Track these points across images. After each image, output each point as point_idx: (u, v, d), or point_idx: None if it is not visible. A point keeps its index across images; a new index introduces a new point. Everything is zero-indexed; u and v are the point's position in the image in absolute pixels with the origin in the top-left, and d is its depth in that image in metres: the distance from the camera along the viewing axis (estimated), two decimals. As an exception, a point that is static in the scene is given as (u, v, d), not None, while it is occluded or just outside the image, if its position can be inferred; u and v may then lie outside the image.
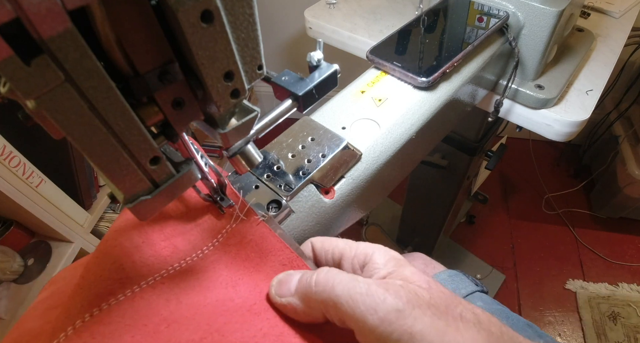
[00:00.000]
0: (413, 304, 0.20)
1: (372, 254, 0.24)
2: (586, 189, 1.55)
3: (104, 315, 0.20)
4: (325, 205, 0.32)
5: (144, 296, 0.21)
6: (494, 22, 0.47)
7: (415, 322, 0.19)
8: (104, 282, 0.21)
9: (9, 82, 0.13)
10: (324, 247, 0.26)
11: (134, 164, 0.18)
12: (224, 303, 0.23)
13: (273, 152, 0.33)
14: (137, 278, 0.22)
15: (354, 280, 0.21)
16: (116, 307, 0.20)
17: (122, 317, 0.20)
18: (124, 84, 0.16)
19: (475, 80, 0.46)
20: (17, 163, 0.72)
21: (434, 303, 0.21)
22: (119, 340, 0.19)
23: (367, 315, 0.19)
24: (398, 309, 0.19)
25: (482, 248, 1.41)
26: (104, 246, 0.23)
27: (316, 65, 0.26)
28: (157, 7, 0.15)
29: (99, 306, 0.20)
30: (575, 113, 0.53)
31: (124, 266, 0.22)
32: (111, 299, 0.21)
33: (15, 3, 0.11)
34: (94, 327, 0.19)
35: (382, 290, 0.20)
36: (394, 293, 0.20)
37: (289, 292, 0.23)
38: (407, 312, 0.19)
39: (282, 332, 0.22)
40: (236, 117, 0.21)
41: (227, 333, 0.21)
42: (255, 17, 0.18)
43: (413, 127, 0.38)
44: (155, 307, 0.21)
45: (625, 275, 1.32)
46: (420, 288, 0.21)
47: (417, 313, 0.20)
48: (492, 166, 0.81)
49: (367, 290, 0.20)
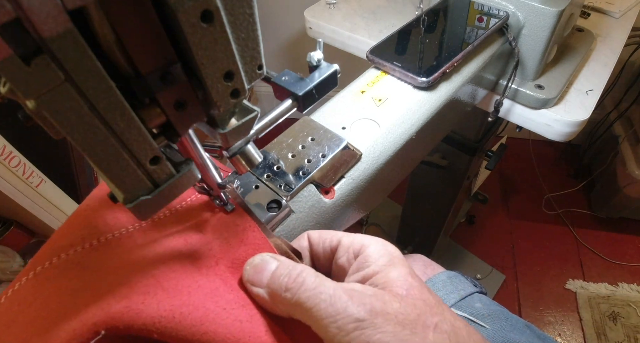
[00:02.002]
0: (376, 313, 0.20)
1: (368, 246, 0.24)
2: (586, 189, 1.54)
3: (61, 262, 0.22)
4: (325, 205, 0.32)
5: (99, 248, 0.23)
6: (494, 22, 0.47)
7: (375, 331, 0.19)
8: (67, 236, 0.23)
9: (9, 82, 0.13)
10: (322, 236, 0.26)
11: (134, 164, 0.18)
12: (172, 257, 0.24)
13: (273, 152, 0.33)
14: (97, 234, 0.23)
15: (321, 286, 0.21)
16: (73, 256, 0.22)
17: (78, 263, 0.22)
18: (126, 85, 0.16)
19: (475, 80, 0.46)
20: (17, 163, 0.72)
21: (403, 311, 0.20)
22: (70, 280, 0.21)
23: (327, 324, 0.20)
24: (358, 318, 0.19)
25: (482, 248, 1.40)
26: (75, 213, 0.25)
27: (316, 65, 0.26)
28: (157, 7, 0.15)
29: (57, 255, 0.22)
30: (575, 113, 0.53)
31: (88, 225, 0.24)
32: (70, 249, 0.22)
33: (15, 3, 0.11)
34: (51, 271, 0.21)
35: (346, 298, 0.20)
36: (357, 302, 0.20)
37: (260, 283, 0.23)
38: (368, 322, 0.19)
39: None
40: (236, 117, 0.21)
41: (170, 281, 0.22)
42: (255, 17, 0.18)
43: (413, 127, 0.38)
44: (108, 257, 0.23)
45: (625, 275, 1.32)
46: (393, 295, 0.21)
47: (379, 321, 0.19)
48: (492, 166, 0.81)
49: (331, 298, 0.20)
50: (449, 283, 0.44)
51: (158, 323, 0.20)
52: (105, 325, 0.19)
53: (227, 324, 0.21)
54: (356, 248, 0.24)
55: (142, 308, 0.20)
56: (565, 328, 1.22)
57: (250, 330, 0.22)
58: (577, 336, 1.21)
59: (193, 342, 0.20)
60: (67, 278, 0.21)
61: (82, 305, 0.20)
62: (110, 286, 0.21)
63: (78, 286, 0.21)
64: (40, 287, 0.21)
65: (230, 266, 0.25)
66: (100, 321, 0.19)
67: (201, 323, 0.21)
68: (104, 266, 0.22)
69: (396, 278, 0.22)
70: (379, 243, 0.24)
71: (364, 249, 0.24)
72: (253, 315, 0.23)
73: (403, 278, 0.22)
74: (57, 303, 0.20)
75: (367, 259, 0.23)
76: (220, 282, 0.23)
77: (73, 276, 0.21)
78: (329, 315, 0.20)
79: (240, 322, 0.22)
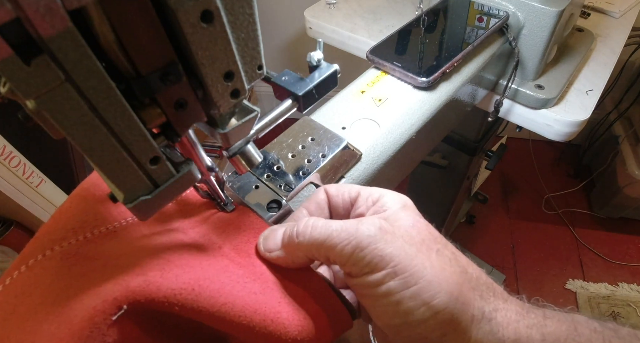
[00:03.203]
0: (385, 230, 0.22)
1: (385, 195, 0.26)
2: (586, 189, 1.54)
3: (55, 254, 0.22)
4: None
5: (94, 240, 0.23)
6: (494, 22, 0.47)
7: (386, 245, 0.21)
8: (57, 231, 0.23)
9: (9, 82, 0.13)
10: (340, 189, 0.28)
11: (134, 164, 0.18)
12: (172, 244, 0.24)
13: (273, 152, 0.33)
14: (90, 227, 0.23)
15: (329, 222, 0.23)
16: (68, 248, 0.22)
17: (75, 253, 0.22)
18: (126, 85, 0.16)
19: (475, 80, 0.46)
20: (17, 163, 0.72)
21: (409, 234, 0.23)
22: (70, 268, 0.21)
23: (343, 247, 0.21)
24: (369, 235, 0.21)
25: (482, 248, 1.40)
26: (60, 209, 0.25)
27: (316, 65, 0.26)
28: (157, 7, 0.15)
29: (51, 248, 0.22)
30: (575, 113, 0.53)
31: (79, 218, 0.24)
32: (63, 242, 0.22)
33: (15, 3, 0.11)
34: (46, 262, 0.21)
35: (355, 223, 0.22)
36: (368, 223, 0.22)
37: (275, 246, 0.25)
38: (378, 237, 0.21)
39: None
40: (236, 117, 0.21)
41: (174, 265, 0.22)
42: (255, 17, 0.18)
43: (413, 127, 0.38)
44: (107, 247, 0.23)
45: (625, 275, 1.32)
46: (401, 223, 0.23)
47: (389, 238, 0.21)
48: (492, 166, 0.81)
49: (341, 226, 0.22)
50: None
51: (179, 295, 0.20)
52: (126, 300, 0.19)
53: (242, 296, 0.22)
54: (375, 197, 0.26)
55: (161, 282, 0.20)
56: (565, 328, 1.22)
57: (264, 300, 0.23)
58: (577, 336, 1.21)
59: (213, 313, 0.21)
60: (66, 267, 0.21)
61: (95, 285, 0.19)
62: (121, 268, 0.21)
63: (84, 271, 0.21)
64: (37, 278, 0.20)
65: (233, 249, 0.26)
66: (121, 296, 0.19)
67: (219, 295, 0.21)
68: (104, 254, 0.22)
69: (406, 216, 0.24)
70: (394, 194, 0.26)
71: (381, 198, 0.26)
72: (265, 288, 0.24)
73: (411, 216, 0.24)
74: (65, 288, 0.20)
75: (383, 205, 0.25)
76: (228, 261, 0.24)
77: (73, 264, 0.21)
78: (343, 239, 0.22)
79: (254, 294, 0.23)
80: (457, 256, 0.23)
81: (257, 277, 0.24)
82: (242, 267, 0.24)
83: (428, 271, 0.21)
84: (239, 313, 0.21)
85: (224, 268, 0.23)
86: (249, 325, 0.21)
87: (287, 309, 0.23)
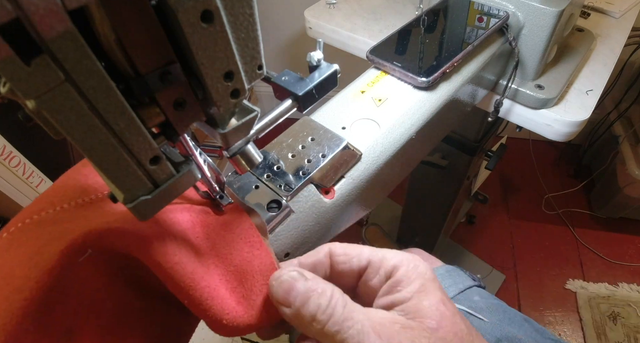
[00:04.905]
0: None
1: (399, 268, 0.23)
2: (586, 189, 1.55)
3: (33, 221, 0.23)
4: (325, 205, 0.32)
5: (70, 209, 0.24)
6: (494, 22, 0.47)
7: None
8: (37, 204, 0.24)
9: (9, 82, 0.13)
10: (347, 252, 0.25)
11: (134, 164, 0.18)
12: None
13: (273, 152, 0.33)
14: (67, 199, 0.24)
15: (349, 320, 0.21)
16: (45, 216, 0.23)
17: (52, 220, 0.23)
18: (125, 85, 0.16)
19: (475, 80, 0.46)
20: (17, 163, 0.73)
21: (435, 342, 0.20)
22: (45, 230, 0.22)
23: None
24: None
25: (482, 248, 1.40)
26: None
27: (316, 65, 0.26)
28: (157, 7, 0.15)
29: (30, 217, 0.23)
30: (575, 113, 0.53)
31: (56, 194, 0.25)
32: (42, 212, 0.24)
33: (15, 3, 0.11)
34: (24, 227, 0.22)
35: (374, 337, 0.20)
36: (386, 341, 0.20)
37: (287, 304, 0.22)
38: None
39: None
40: (236, 117, 0.21)
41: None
42: (255, 17, 0.18)
43: (413, 127, 0.38)
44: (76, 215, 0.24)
45: (625, 275, 1.32)
46: (423, 330, 0.21)
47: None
48: (492, 166, 0.81)
49: (358, 335, 0.20)
50: (447, 276, 0.44)
51: (141, 246, 0.21)
52: (90, 243, 0.21)
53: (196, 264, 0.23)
54: (388, 270, 0.24)
55: (125, 229, 0.21)
56: (566, 329, 1.22)
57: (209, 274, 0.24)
58: (577, 336, 1.21)
59: (166, 269, 0.22)
60: (42, 228, 0.22)
61: (65, 236, 0.21)
62: (90, 221, 0.22)
63: (59, 229, 0.22)
64: (15, 239, 0.22)
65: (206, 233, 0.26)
66: (86, 240, 0.21)
67: (173, 253, 0.22)
68: (80, 216, 0.23)
69: (428, 308, 0.22)
70: (411, 264, 0.24)
71: (396, 271, 0.23)
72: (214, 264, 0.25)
73: (435, 307, 0.22)
74: (39, 242, 0.21)
75: (399, 283, 0.23)
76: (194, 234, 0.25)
77: (50, 225, 0.22)
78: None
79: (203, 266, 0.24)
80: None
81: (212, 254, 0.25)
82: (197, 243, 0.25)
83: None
84: (185, 276, 0.22)
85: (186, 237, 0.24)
86: (188, 291, 0.22)
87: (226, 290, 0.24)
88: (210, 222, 0.26)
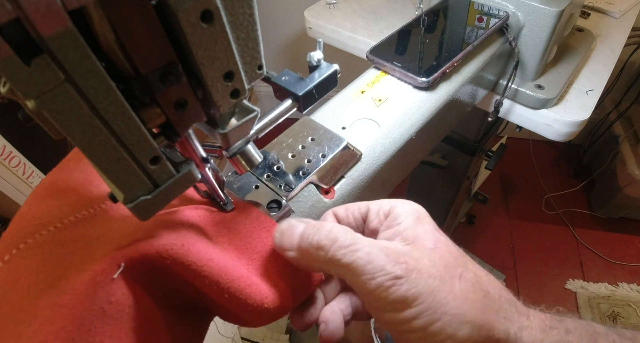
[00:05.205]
0: (410, 270, 0.21)
1: (396, 207, 0.26)
2: (586, 189, 1.54)
3: (29, 246, 0.22)
4: (325, 205, 0.32)
5: (64, 228, 0.23)
6: (494, 22, 0.47)
7: (411, 286, 0.21)
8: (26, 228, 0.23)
9: (9, 82, 0.13)
10: (348, 209, 0.27)
11: (134, 164, 0.18)
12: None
13: (273, 152, 0.33)
14: (57, 219, 0.24)
15: (356, 243, 0.22)
16: (40, 238, 0.22)
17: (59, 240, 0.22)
18: (125, 85, 0.16)
19: (475, 80, 0.46)
20: (17, 163, 0.73)
21: (432, 265, 0.22)
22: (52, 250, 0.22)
23: (366, 280, 0.21)
24: (396, 276, 0.21)
25: (482, 248, 1.40)
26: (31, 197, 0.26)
27: (316, 65, 0.26)
28: (157, 8, 0.15)
29: (24, 242, 0.22)
30: (575, 113, 0.53)
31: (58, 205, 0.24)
32: (35, 235, 0.23)
33: (15, 3, 0.11)
34: (23, 253, 0.21)
35: (383, 257, 0.22)
36: (394, 260, 0.22)
37: (291, 246, 0.24)
38: (404, 279, 0.21)
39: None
40: (236, 117, 0.21)
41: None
42: (255, 17, 0.18)
43: (413, 127, 0.38)
44: (75, 234, 0.23)
45: (625, 275, 1.32)
46: (423, 250, 0.23)
47: (414, 277, 0.21)
48: (492, 166, 0.81)
49: (367, 256, 0.22)
50: None
51: (170, 250, 0.21)
52: (122, 257, 0.20)
53: (223, 256, 0.23)
54: (386, 210, 0.26)
55: (152, 240, 0.21)
56: (565, 328, 1.22)
57: (239, 265, 0.24)
58: (577, 336, 1.21)
59: (200, 267, 0.22)
60: (47, 251, 0.21)
61: (85, 257, 0.20)
62: (106, 242, 0.21)
63: (68, 251, 0.21)
64: (19, 267, 0.20)
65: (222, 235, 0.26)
66: (116, 255, 0.20)
67: (206, 251, 0.22)
68: (83, 236, 0.22)
69: (424, 233, 0.24)
70: (405, 204, 0.26)
71: (393, 209, 0.26)
72: (239, 255, 0.25)
73: (430, 233, 0.24)
74: (53, 266, 0.20)
75: (396, 218, 0.25)
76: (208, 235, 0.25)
77: (53, 248, 0.21)
78: (367, 272, 0.21)
79: (231, 259, 0.24)
80: (478, 277, 0.23)
81: (231, 248, 0.25)
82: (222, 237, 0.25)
83: (451, 304, 0.21)
84: (221, 271, 0.22)
85: (205, 236, 0.24)
86: (227, 285, 0.22)
87: (256, 276, 0.24)
88: (218, 219, 0.26)
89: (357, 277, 0.21)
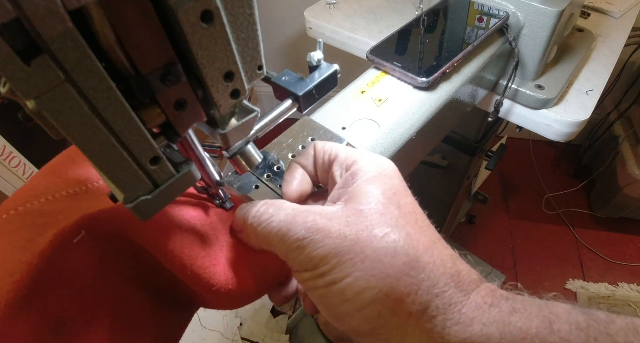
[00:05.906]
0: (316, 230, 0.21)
1: (360, 162, 0.24)
2: (586, 189, 1.54)
3: (18, 213, 0.23)
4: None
5: (55, 201, 0.24)
6: (494, 22, 0.47)
7: (314, 247, 0.21)
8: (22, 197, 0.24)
9: (9, 82, 0.13)
10: (324, 148, 0.26)
11: (134, 164, 0.18)
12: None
13: (273, 152, 0.33)
14: (50, 192, 0.24)
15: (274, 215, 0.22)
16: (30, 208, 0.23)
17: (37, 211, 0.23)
18: (126, 85, 0.16)
19: (475, 80, 0.46)
20: (17, 163, 0.73)
21: (348, 224, 0.21)
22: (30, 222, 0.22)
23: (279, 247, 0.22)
24: (298, 238, 0.21)
25: (482, 248, 1.40)
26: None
27: (316, 65, 0.26)
28: (157, 7, 0.15)
29: (15, 209, 0.23)
30: (575, 113, 0.53)
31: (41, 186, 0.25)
32: (26, 204, 0.23)
33: (15, 3, 0.11)
34: (9, 218, 0.22)
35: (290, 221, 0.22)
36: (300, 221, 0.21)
37: (238, 227, 0.25)
38: (307, 240, 0.21)
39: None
40: (236, 117, 0.21)
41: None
42: (255, 17, 0.18)
43: (413, 127, 0.38)
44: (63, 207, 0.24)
45: (625, 275, 1.32)
46: (347, 209, 0.22)
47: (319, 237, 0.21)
48: (492, 166, 0.81)
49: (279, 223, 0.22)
50: None
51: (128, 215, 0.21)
52: (84, 225, 0.21)
53: (195, 235, 0.24)
54: (349, 163, 0.24)
55: (117, 211, 0.22)
56: (565, 328, 1.22)
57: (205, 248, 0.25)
58: (577, 336, 1.21)
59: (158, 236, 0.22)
60: (30, 219, 0.22)
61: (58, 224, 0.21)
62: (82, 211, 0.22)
63: (47, 220, 0.22)
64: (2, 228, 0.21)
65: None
66: (79, 222, 0.21)
67: (170, 226, 0.23)
68: (68, 208, 0.23)
69: (366, 193, 0.22)
70: (370, 159, 0.24)
71: (355, 164, 0.24)
72: (210, 238, 0.26)
73: (373, 194, 0.22)
74: (29, 231, 0.21)
75: (354, 176, 0.23)
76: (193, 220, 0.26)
77: (37, 217, 0.22)
78: (279, 239, 0.22)
79: (199, 241, 0.25)
80: (414, 241, 0.21)
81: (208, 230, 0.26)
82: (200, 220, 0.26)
83: (358, 266, 0.20)
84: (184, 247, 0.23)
85: (183, 218, 0.25)
86: (190, 262, 0.23)
87: (227, 259, 0.25)
88: (213, 213, 0.27)
89: (275, 247, 0.22)
